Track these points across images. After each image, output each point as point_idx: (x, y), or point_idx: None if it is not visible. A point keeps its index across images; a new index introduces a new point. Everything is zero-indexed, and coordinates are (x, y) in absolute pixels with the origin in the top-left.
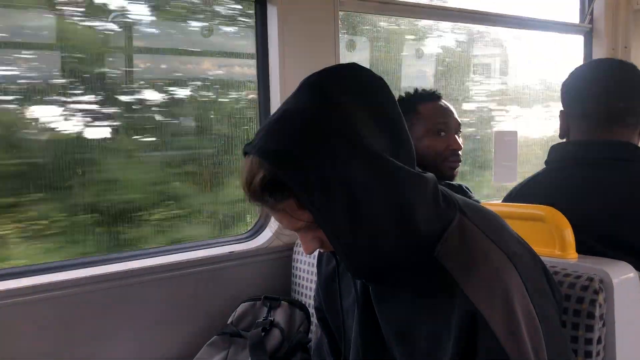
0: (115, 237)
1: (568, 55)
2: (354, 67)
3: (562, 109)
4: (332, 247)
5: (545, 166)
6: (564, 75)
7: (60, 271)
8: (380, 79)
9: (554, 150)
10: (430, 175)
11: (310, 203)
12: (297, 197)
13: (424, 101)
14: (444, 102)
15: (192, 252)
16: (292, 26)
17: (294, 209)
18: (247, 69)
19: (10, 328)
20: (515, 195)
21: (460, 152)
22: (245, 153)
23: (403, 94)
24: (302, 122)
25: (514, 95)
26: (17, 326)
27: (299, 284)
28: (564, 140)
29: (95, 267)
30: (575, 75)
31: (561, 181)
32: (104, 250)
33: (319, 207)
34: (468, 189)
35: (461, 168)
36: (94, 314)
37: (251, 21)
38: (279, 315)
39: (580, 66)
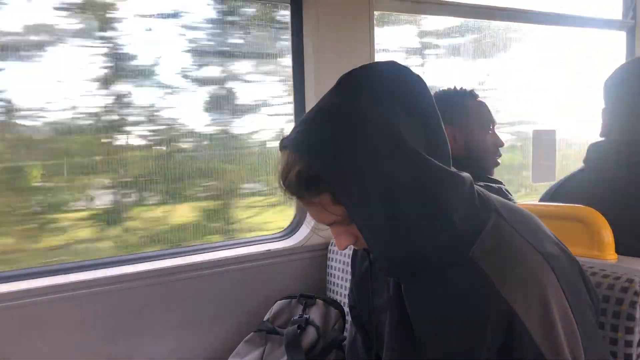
0: None
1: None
2: (392, 65)
3: (604, 107)
4: (365, 244)
5: (583, 165)
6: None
7: (104, 268)
8: (419, 77)
9: (593, 149)
10: (466, 175)
11: (345, 198)
12: (332, 191)
13: (471, 98)
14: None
15: (230, 250)
16: (327, 26)
17: (328, 204)
18: None
19: (55, 321)
20: (554, 195)
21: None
22: (282, 148)
23: (440, 90)
24: (339, 117)
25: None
26: (62, 320)
27: (334, 282)
28: (603, 139)
29: (136, 265)
30: (619, 73)
31: (601, 180)
32: None
33: (354, 202)
34: (508, 191)
35: None
36: (134, 311)
37: None
38: (314, 313)
39: (625, 63)
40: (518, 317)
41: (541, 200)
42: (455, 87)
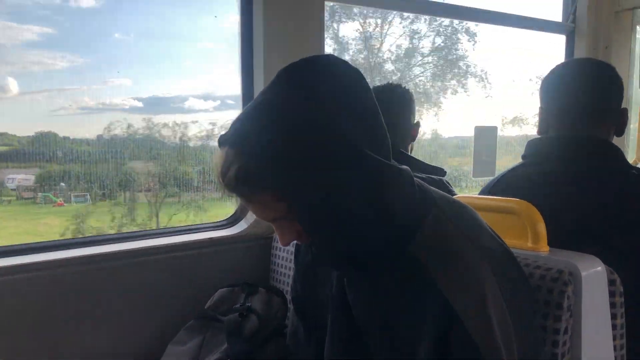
0: None
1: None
2: (330, 58)
3: (540, 105)
4: (308, 239)
5: (522, 160)
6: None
7: (38, 253)
8: (357, 71)
9: (531, 144)
10: (406, 168)
11: (287, 195)
12: (272, 188)
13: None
14: None
15: (172, 237)
16: (278, 15)
17: (270, 201)
18: None
19: None
20: (492, 189)
21: None
22: (220, 144)
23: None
24: (279, 114)
25: None
26: None
27: (277, 271)
28: (540, 136)
29: (72, 250)
30: (556, 73)
31: (537, 175)
32: None
33: (295, 198)
34: (449, 183)
35: None
36: (70, 297)
37: None
38: (257, 302)
39: (560, 64)
40: (455, 312)
41: (481, 193)
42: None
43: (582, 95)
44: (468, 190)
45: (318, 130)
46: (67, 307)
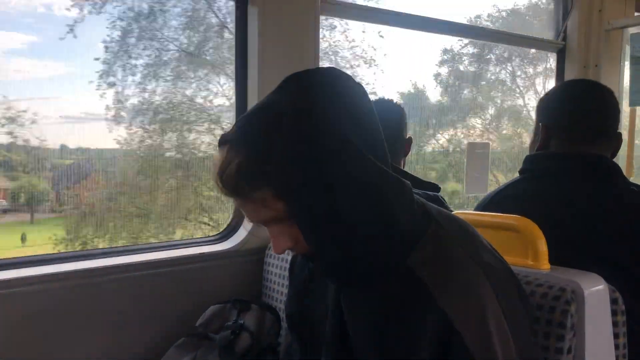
0: None
1: None
2: (334, 71)
3: (538, 123)
4: (304, 247)
5: (519, 175)
6: None
7: (25, 267)
8: (360, 85)
9: (530, 160)
10: (407, 182)
11: (287, 192)
12: (273, 185)
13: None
14: None
15: (163, 252)
16: (273, 28)
17: (268, 199)
18: None
19: None
20: (489, 204)
21: None
22: (221, 144)
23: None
24: (282, 112)
25: None
26: None
27: (270, 287)
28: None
29: (61, 264)
30: (557, 92)
31: (538, 191)
32: None
33: (295, 196)
34: (443, 199)
35: None
36: (59, 312)
37: None
38: (249, 319)
39: (562, 84)
40: (455, 328)
41: (476, 209)
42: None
43: (583, 116)
44: None
45: (322, 132)
46: (53, 323)
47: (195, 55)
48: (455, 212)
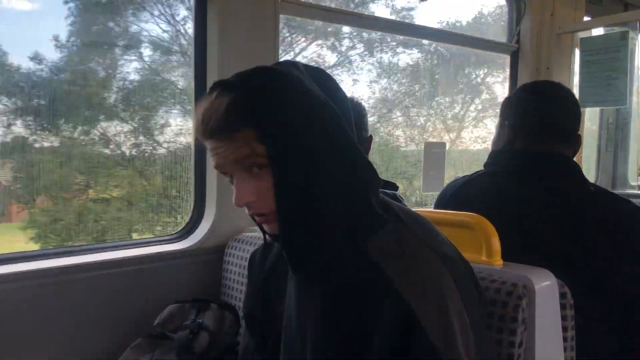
0: None
1: None
2: (305, 65)
3: (501, 122)
4: (266, 205)
5: (484, 168)
6: None
7: None
8: (328, 74)
9: (496, 156)
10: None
11: (272, 136)
12: (260, 126)
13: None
14: None
15: (119, 251)
16: (232, 26)
17: (251, 139)
18: None
19: None
20: (451, 199)
21: None
22: (212, 90)
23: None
24: (279, 73)
25: None
26: None
27: (229, 286)
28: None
29: (11, 265)
30: (520, 93)
31: (499, 187)
32: None
33: (280, 142)
34: (401, 197)
35: None
36: (9, 313)
37: None
38: (208, 318)
39: (525, 85)
40: (416, 317)
41: (438, 202)
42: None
43: (545, 116)
44: None
45: (311, 90)
46: (3, 326)
47: None
48: (413, 209)
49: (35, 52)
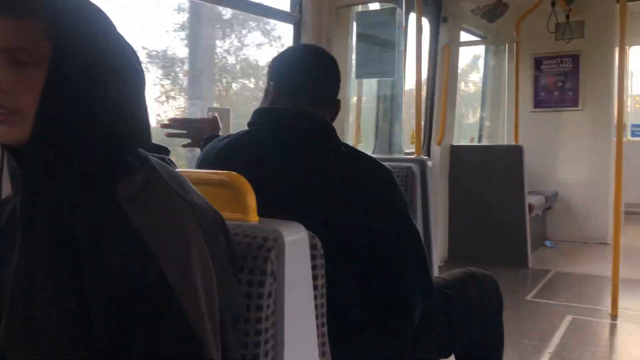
0: None
1: None
2: None
3: (268, 81)
4: (15, 103)
5: (248, 127)
6: None
7: None
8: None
9: (258, 114)
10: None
11: (64, 37)
12: (55, 21)
13: None
14: None
15: None
16: None
17: (39, 29)
18: None
19: None
20: (214, 159)
21: None
22: None
23: None
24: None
25: None
26: None
27: None
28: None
29: None
30: (286, 54)
31: (253, 144)
32: None
33: (66, 45)
34: (172, 161)
35: None
36: None
37: None
38: None
39: (291, 47)
40: (155, 256)
41: (201, 162)
42: None
43: (306, 78)
44: None
45: (109, 26)
46: None
47: None
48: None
49: None
